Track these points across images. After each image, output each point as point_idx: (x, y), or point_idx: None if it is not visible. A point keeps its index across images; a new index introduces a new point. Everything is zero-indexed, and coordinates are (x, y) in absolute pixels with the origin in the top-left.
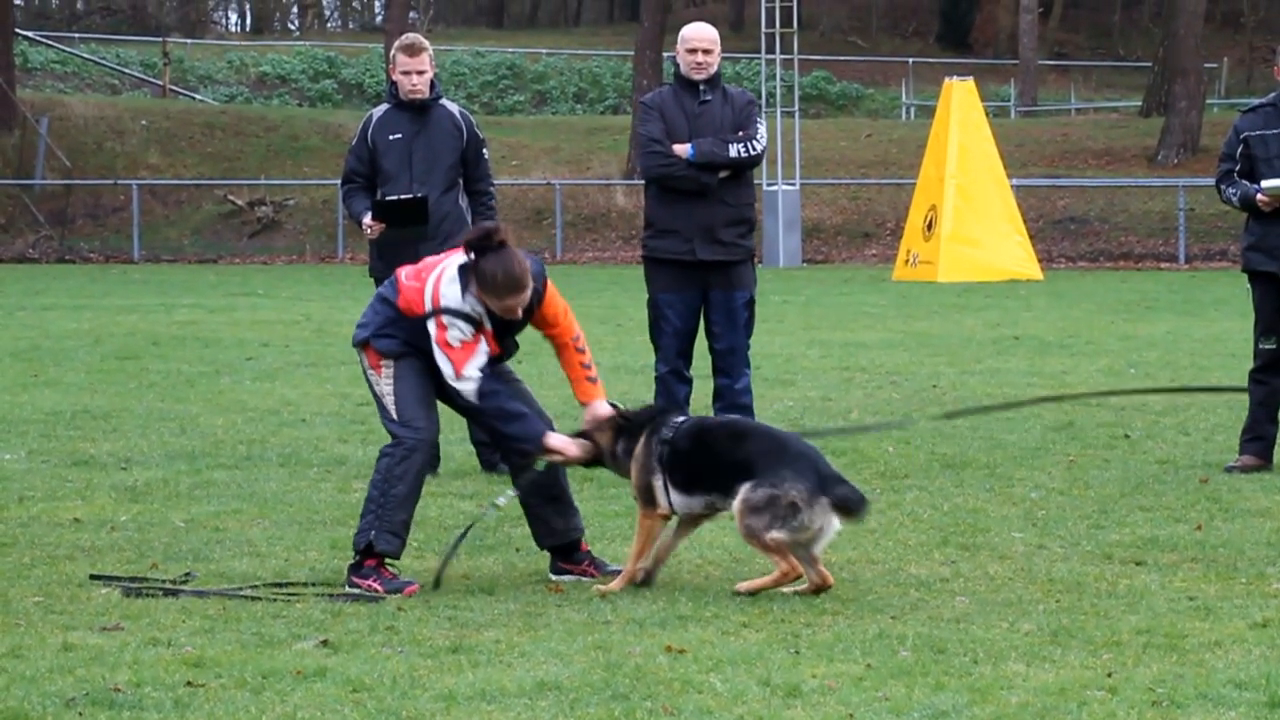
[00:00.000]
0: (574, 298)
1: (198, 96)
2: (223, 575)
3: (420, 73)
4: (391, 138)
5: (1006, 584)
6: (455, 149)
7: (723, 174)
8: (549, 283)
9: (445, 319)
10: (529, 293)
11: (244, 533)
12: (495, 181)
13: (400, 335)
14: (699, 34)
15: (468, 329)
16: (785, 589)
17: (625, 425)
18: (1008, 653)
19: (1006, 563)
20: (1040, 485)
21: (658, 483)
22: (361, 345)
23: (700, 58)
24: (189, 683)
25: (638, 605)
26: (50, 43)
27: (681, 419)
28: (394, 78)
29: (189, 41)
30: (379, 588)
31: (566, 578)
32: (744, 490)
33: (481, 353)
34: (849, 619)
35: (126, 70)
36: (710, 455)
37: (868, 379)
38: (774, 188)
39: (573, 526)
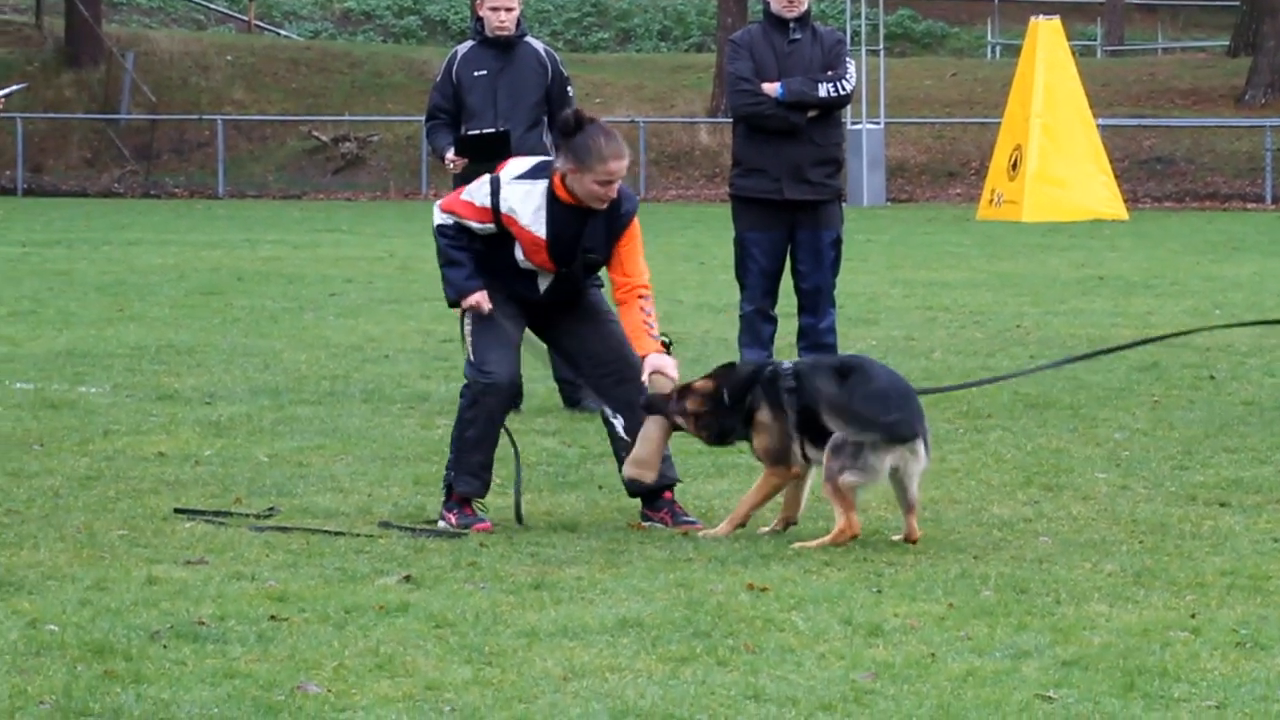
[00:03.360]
0: (658, 235)
1: (283, 32)
2: (306, 510)
3: (508, 9)
4: (476, 74)
5: (1090, 525)
6: (540, 86)
7: (811, 113)
8: (635, 218)
9: (480, 182)
10: (627, 161)
11: (327, 468)
12: None
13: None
14: None
15: (487, 198)
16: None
17: (725, 389)
18: (1090, 593)
19: (1090, 503)
20: (1124, 426)
21: (794, 445)
22: None
23: None
24: (272, 616)
25: (719, 543)
26: None
27: (788, 366)
28: (480, 13)
29: None
30: (453, 520)
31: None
32: (834, 438)
33: (471, 220)
34: (931, 559)
35: (212, 5)
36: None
37: (951, 319)
38: (858, 127)
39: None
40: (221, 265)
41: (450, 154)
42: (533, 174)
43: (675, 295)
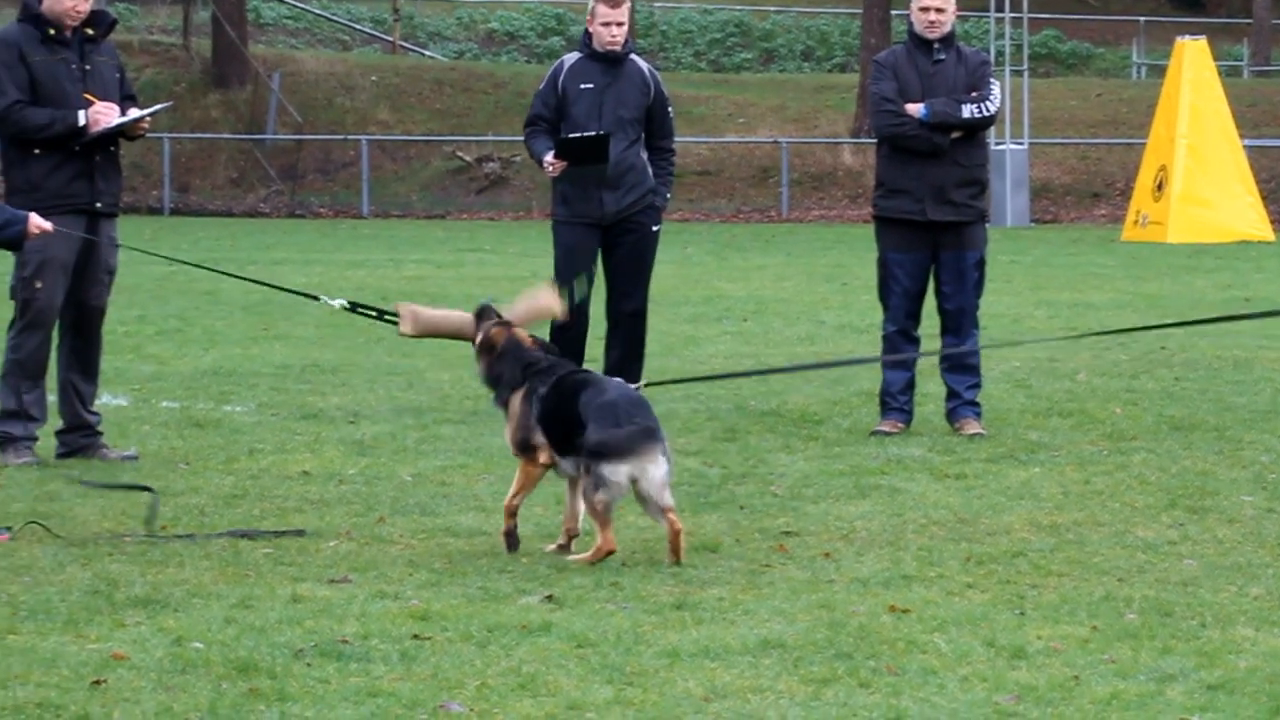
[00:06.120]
0: (800, 256)
1: (427, 53)
2: (448, 530)
3: (620, 24)
4: (583, 86)
5: (1235, 547)
6: (641, 105)
7: (955, 134)
8: None
9: None
10: None
11: (470, 487)
12: (715, 139)
13: None
14: None
15: None
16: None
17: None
18: (1236, 617)
19: (1235, 526)
20: (1270, 449)
21: (539, 437)
22: None
23: (933, 16)
24: (415, 635)
25: (862, 565)
26: None
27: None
28: (591, 28)
29: None
30: None
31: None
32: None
33: None
34: (1075, 581)
35: (357, 26)
36: (562, 417)
37: (1095, 340)
38: (1002, 147)
39: None
40: (366, 285)
41: (549, 157)
42: None
43: (818, 316)
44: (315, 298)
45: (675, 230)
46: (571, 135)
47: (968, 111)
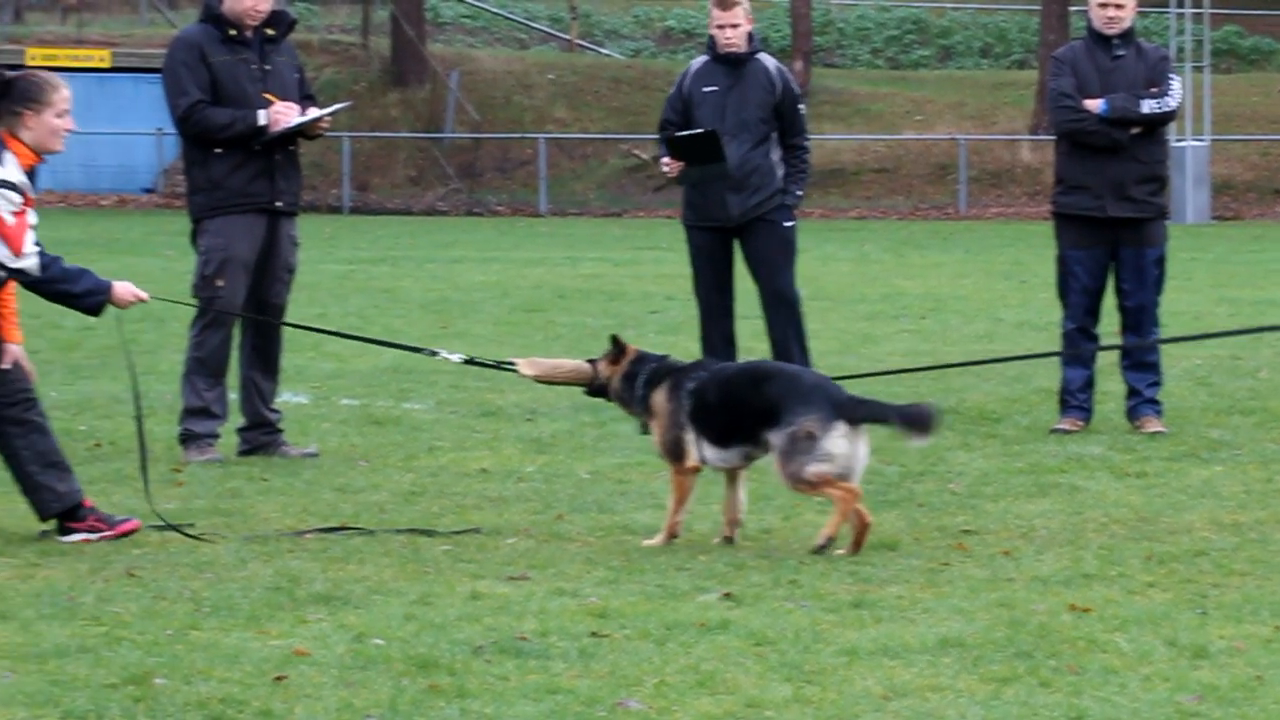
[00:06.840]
0: (979, 253)
1: (604, 51)
2: (625, 527)
3: (734, 26)
4: (706, 90)
5: None
6: (766, 104)
7: (1134, 130)
8: None
9: None
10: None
11: (647, 485)
12: (892, 136)
13: None
14: None
15: (16, 198)
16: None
17: (641, 366)
18: None
19: None
20: None
21: (688, 437)
22: None
23: (1111, 12)
24: (594, 633)
25: (1041, 563)
26: None
27: (703, 372)
28: (711, 31)
29: None
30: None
31: (75, 537)
32: (772, 439)
33: (32, 223)
34: (1258, 580)
35: (534, 24)
36: (735, 405)
37: (1278, 339)
38: (1183, 143)
39: (75, 489)
40: (543, 283)
41: (666, 158)
42: None
43: (996, 313)
44: (434, 353)
45: (853, 228)
46: (679, 134)
47: (1147, 107)
